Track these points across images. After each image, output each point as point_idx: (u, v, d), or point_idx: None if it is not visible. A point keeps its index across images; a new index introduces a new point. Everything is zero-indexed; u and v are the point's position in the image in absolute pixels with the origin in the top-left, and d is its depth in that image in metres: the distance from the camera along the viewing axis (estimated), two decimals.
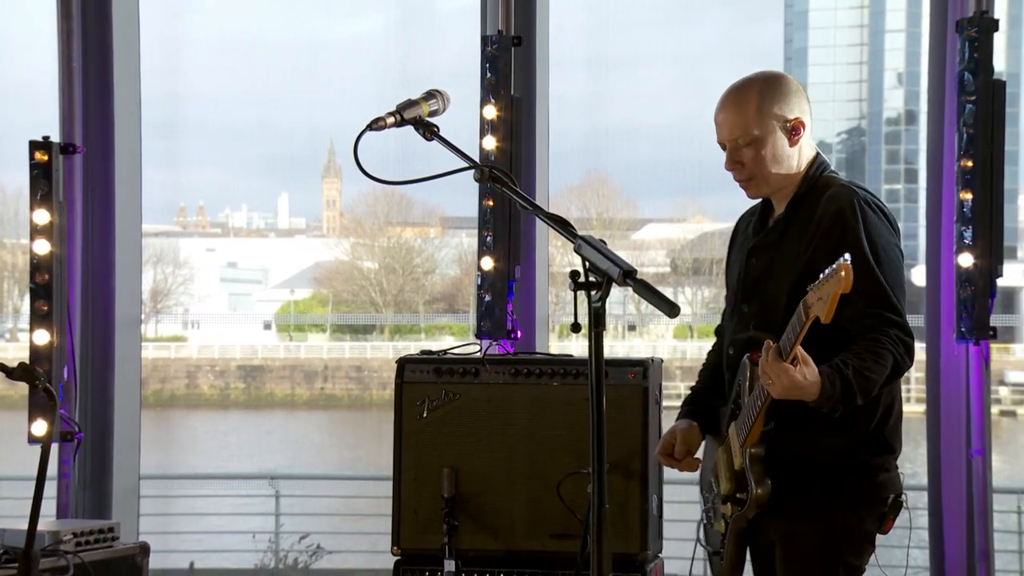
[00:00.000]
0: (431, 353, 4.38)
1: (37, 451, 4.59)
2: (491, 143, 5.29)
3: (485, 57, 5.34)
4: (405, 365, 4.33)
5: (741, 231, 3.30)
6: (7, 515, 7.16)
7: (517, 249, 5.36)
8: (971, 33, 5.02)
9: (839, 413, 2.94)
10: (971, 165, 5.03)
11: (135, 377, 5.65)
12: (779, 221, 3.15)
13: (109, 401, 5.47)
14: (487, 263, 5.33)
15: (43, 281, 5.10)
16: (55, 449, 5.13)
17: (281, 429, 31.41)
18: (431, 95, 2.83)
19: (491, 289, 5.32)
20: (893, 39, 53.86)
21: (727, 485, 3.14)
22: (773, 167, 3.10)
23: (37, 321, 5.10)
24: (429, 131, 2.79)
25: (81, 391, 5.37)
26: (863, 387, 2.92)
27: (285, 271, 46.62)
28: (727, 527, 3.15)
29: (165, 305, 43.02)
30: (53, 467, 5.08)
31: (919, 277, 5.74)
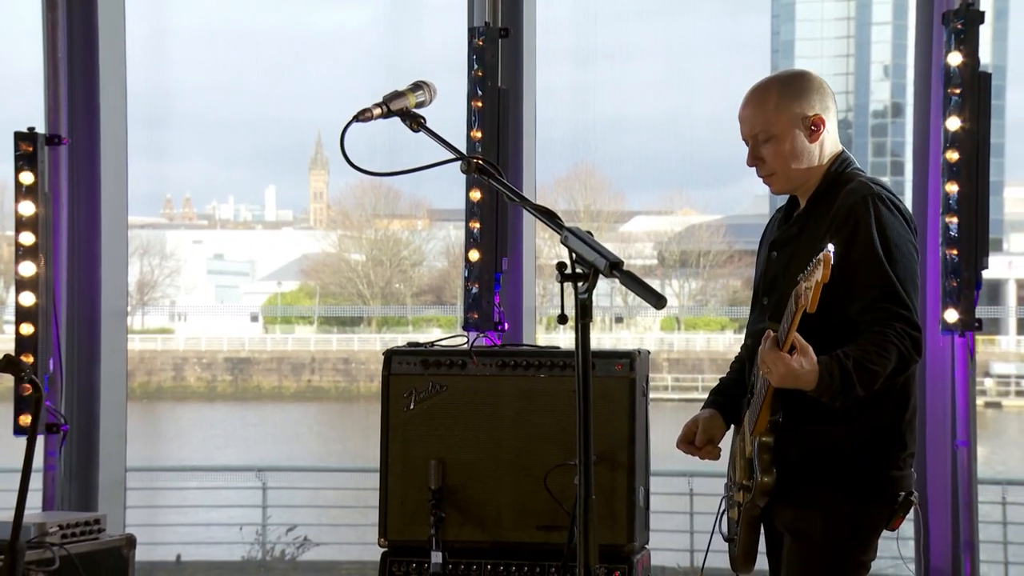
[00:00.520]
0: (418, 345, 4.38)
1: (23, 443, 4.60)
2: (478, 135, 5.29)
3: (472, 49, 5.34)
4: (392, 357, 4.33)
5: (769, 227, 3.35)
6: None
7: (504, 241, 5.36)
8: (957, 25, 5.03)
9: (839, 403, 2.96)
10: (957, 157, 5.04)
11: (121, 369, 5.64)
12: (799, 216, 3.20)
13: (95, 393, 5.46)
14: (474, 255, 5.32)
15: (28, 273, 5.09)
16: (41, 441, 5.12)
17: (268, 421, 31.36)
18: (418, 86, 2.83)
19: (478, 281, 5.33)
20: (880, 31, 53.93)
21: (741, 473, 3.18)
22: (793, 163, 3.15)
23: (22, 313, 5.08)
24: (416, 122, 2.78)
25: (67, 383, 5.36)
26: (864, 379, 2.94)
27: (272, 263, 46.52)
28: (740, 514, 3.18)
29: (152, 297, 42.90)
30: (39, 459, 5.07)
31: None
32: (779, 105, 3.14)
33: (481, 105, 5.29)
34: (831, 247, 2.71)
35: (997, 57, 48.35)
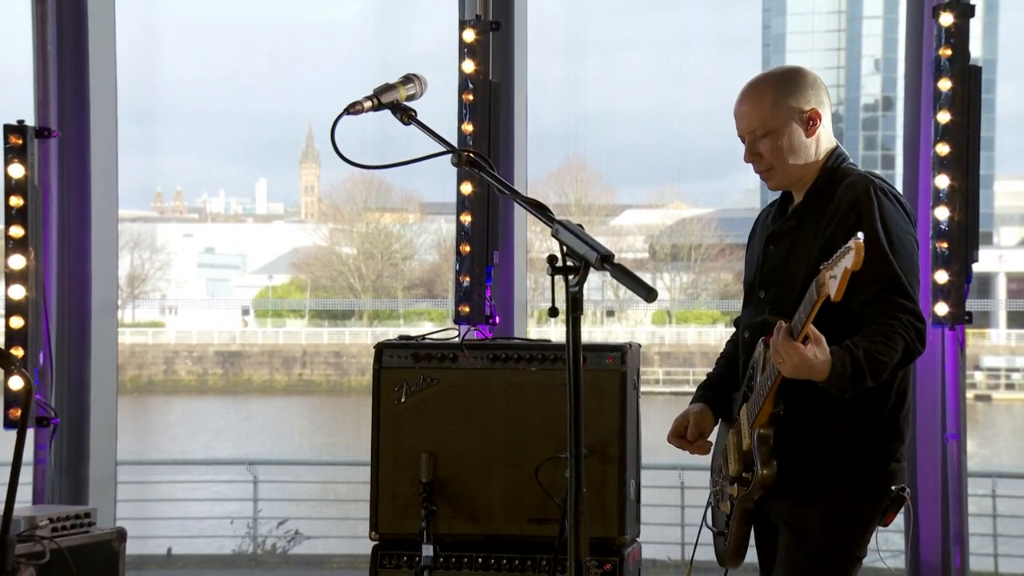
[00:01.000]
0: (409, 338, 4.38)
1: (12, 436, 4.58)
2: (469, 128, 5.29)
3: (463, 42, 5.33)
4: (383, 350, 4.32)
5: (760, 222, 3.35)
6: None
7: (496, 235, 5.36)
8: (947, 19, 5.03)
9: (848, 394, 2.96)
10: (947, 151, 5.05)
11: (112, 362, 5.63)
12: (797, 209, 3.20)
13: (85, 386, 5.45)
14: (466, 248, 5.32)
15: (18, 266, 5.07)
16: (31, 434, 5.11)
17: (259, 415, 31.34)
18: (408, 79, 2.82)
19: (469, 274, 5.32)
20: (871, 25, 53.99)
21: (735, 466, 3.17)
22: (790, 158, 3.16)
23: (12, 306, 5.07)
24: (406, 115, 2.78)
25: (57, 376, 5.35)
26: (873, 369, 2.94)
27: (263, 257, 46.46)
28: (733, 508, 3.18)
29: (142, 291, 42.83)
30: (29, 452, 5.06)
31: None
32: (776, 100, 3.15)
33: (472, 98, 5.29)
34: (861, 235, 2.72)
35: (987, 51, 48.43)
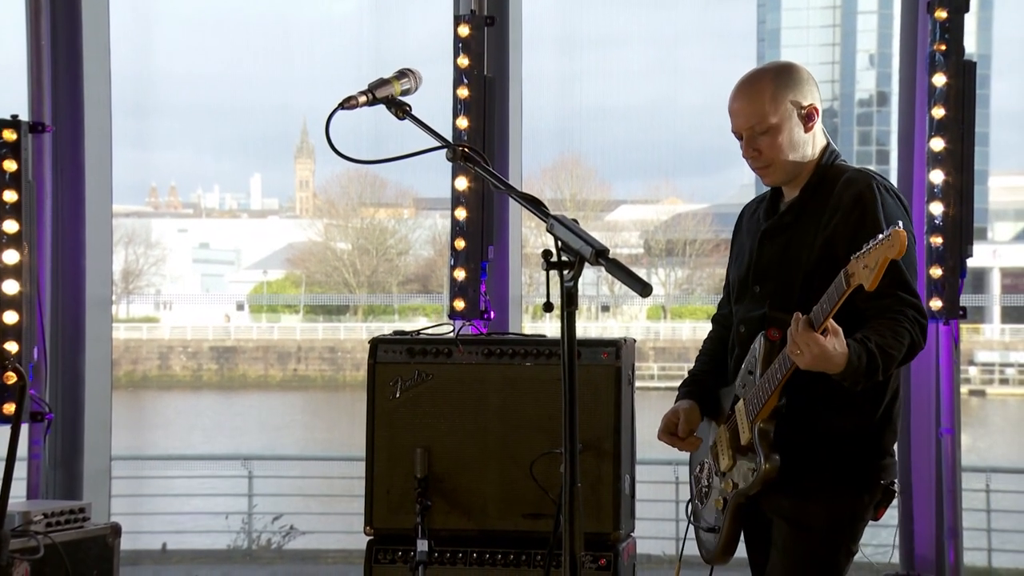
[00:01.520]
0: (404, 334, 4.38)
1: (7, 432, 4.58)
2: (464, 123, 5.28)
3: (458, 37, 5.33)
4: (378, 346, 4.32)
5: (748, 218, 3.34)
6: None
7: (490, 230, 5.36)
8: (942, 14, 5.03)
9: (860, 387, 2.96)
10: (942, 146, 5.05)
11: (106, 358, 5.62)
12: (793, 205, 3.19)
13: (80, 382, 5.44)
14: (460, 244, 5.32)
15: (12, 261, 5.06)
16: (25, 430, 5.10)
17: (254, 410, 31.33)
18: (403, 74, 2.82)
19: (464, 269, 5.32)
20: (865, 20, 53.99)
21: (728, 462, 3.15)
22: (790, 154, 3.15)
23: (6, 301, 5.06)
24: (401, 110, 2.77)
25: (51, 372, 5.34)
26: (885, 363, 2.95)
27: (258, 252, 46.41)
28: (725, 503, 3.17)
29: (137, 286, 42.78)
30: (23, 448, 5.05)
31: None
32: (775, 96, 3.12)
33: (467, 93, 5.28)
34: (900, 223, 2.72)
35: (982, 46, 48.44)
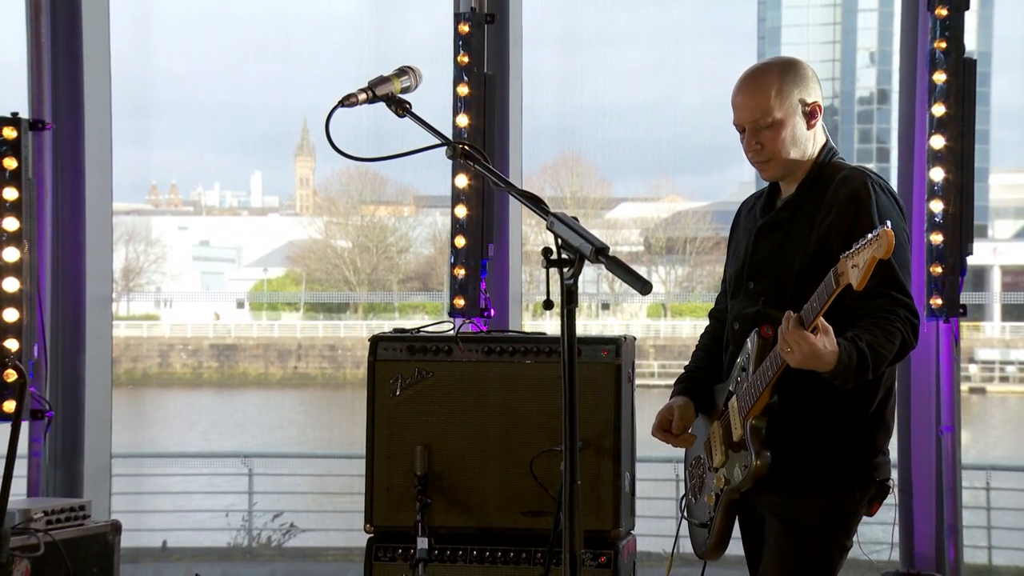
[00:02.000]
0: (404, 331, 4.38)
1: (7, 429, 4.58)
2: (464, 121, 5.28)
3: (458, 35, 5.33)
4: (378, 343, 4.32)
5: (745, 214, 3.34)
6: None
7: (490, 228, 5.36)
8: (942, 12, 5.03)
9: (850, 386, 2.96)
10: (942, 144, 5.05)
11: (106, 355, 5.63)
12: (790, 202, 3.19)
13: (80, 379, 5.45)
14: (460, 241, 5.32)
15: (12, 258, 5.07)
16: (25, 427, 5.10)
17: (254, 408, 31.34)
18: (403, 72, 2.82)
19: (464, 267, 5.32)
20: (866, 18, 53.98)
21: (721, 458, 3.16)
22: (791, 149, 3.15)
23: (7, 299, 5.06)
24: (401, 108, 2.78)
25: (52, 369, 5.35)
26: (875, 362, 2.95)
27: (258, 250, 46.41)
28: (717, 500, 3.17)
29: (137, 283, 42.78)
30: (23, 445, 5.05)
31: None
32: (781, 90, 3.12)
33: (467, 91, 5.28)
34: (889, 223, 2.72)
35: (982, 44, 48.43)
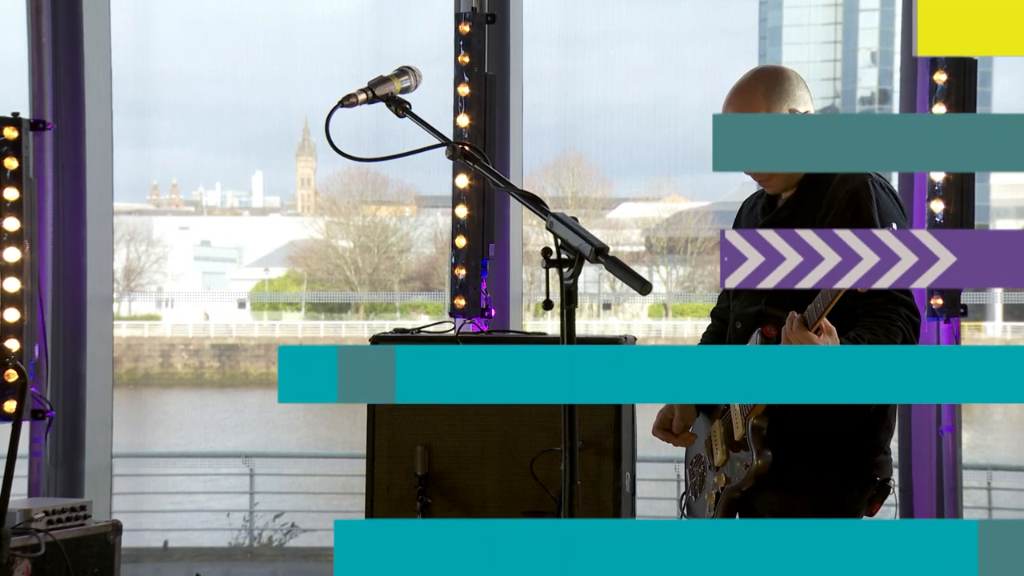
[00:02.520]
0: (405, 331, 4.38)
1: (8, 429, 4.59)
2: (465, 121, 5.28)
3: (459, 34, 5.32)
4: (378, 343, 4.32)
5: (746, 213, 3.34)
6: None
7: (491, 228, 5.35)
8: None
9: None
10: None
11: (107, 355, 5.63)
12: (790, 201, 3.19)
13: (81, 379, 5.44)
14: (461, 241, 5.32)
15: (13, 258, 5.07)
16: (26, 427, 5.10)
17: (255, 408, 31.35)
18: (403, 72, 2.82)
19: (465, 267, 5.32)
20: (867, 18, 54.03)
21: (721, 456, 3.16)
22: None
23: (7, 299, 5.06)
24: (401, 108, 2.77)
25: (52, 369, 5.34)
26: None
27: (259, 250, 46.44)
28: (717, 498, 3.18)
29: (138, 284, 42.82)
30: (24, 446, 5.06)
31: None
32: (770, 107, 3.11)
33: (468, 91, 5.28)
34: (895, 225, 2.72)
35: None
